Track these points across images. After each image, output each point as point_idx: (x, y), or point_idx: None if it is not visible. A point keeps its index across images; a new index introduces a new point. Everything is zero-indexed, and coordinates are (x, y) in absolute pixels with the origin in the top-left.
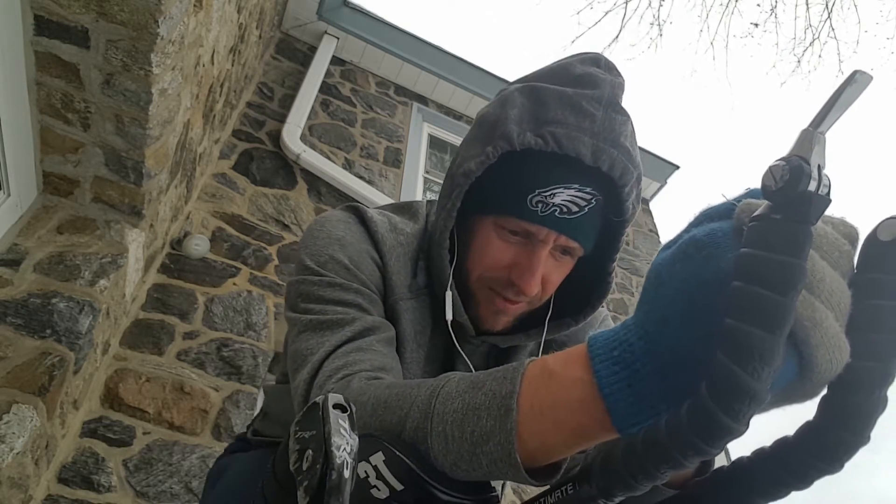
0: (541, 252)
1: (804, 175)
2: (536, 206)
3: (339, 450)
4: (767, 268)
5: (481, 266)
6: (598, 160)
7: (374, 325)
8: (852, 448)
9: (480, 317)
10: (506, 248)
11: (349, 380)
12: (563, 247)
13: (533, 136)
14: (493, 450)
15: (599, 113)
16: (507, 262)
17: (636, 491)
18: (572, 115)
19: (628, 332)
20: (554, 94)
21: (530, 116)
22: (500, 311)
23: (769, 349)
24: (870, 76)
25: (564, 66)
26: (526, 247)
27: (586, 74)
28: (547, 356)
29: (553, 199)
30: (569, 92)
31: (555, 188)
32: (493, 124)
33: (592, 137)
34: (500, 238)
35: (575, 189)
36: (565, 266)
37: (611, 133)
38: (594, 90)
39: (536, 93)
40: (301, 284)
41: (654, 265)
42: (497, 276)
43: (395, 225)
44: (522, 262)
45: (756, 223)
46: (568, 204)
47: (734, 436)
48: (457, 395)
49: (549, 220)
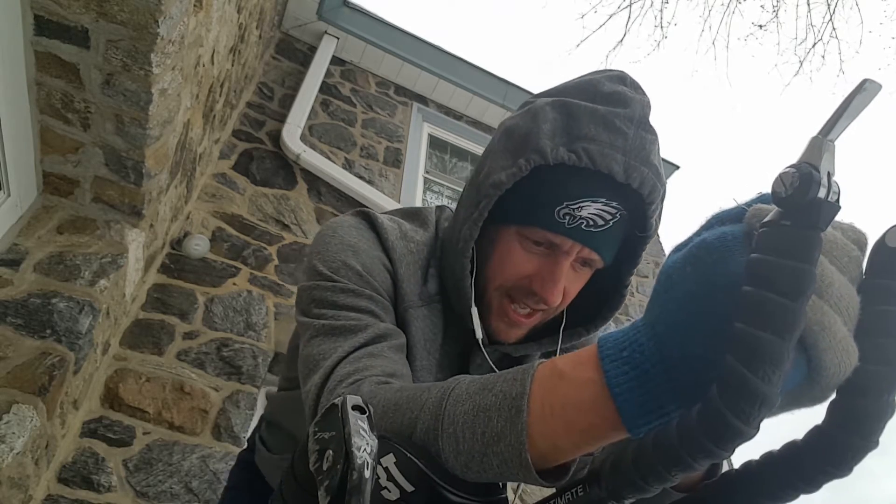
0: (564, 263)
1: (814, 182)
2: (564, 218)
3: (360, 450)
4: (777, 273)
5: (502, 276)
6: (630, 177)
7: (386, 331)
8: (861, 452)
9: (493, 327)
10: (528, 258)
11: (360, 384)
12: (585, 259)
13: (566, 152)
14: (503, 451)
15: (631, 131)
16: (530, 272)
17: (646, 493)
18: (605, 132)
19: (638, 333)
20: (586, 110)
21: (562, 131)
22: (515, 324)
23: (779, 353)
24: (879, 85)
25: (592, 82)
26: (549, 257)
27: (616, 92)
28: (556, 358)
29: (580, 212)
30: (601, 110)
31: (583, 201)
32: (525, 137)
33: (624, 155)
34: (523, 248)
35: (602, 203)
36: (583, 277)
37: (641, 151)
38: (625, 109)
39: (568, 108)
40: (314, 290)
41: (664, 267)
42: (518, 286)
43: (406, 232)
44: (545, 273)
45: (766, 229)
46: (594, 217)
47: (745, 439)
48: (467, 397)
49: (575, 233)
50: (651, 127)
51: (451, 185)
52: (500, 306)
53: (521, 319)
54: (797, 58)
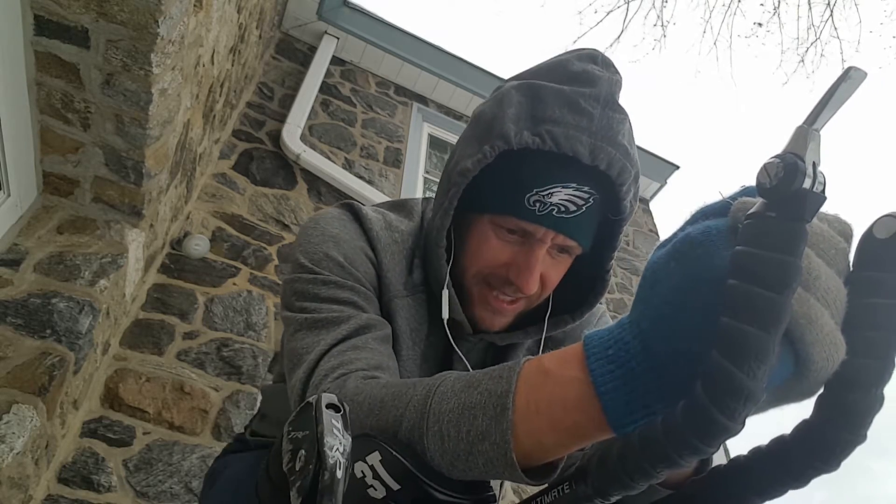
0: (538, 251)
1: (799, 172)
2: (534, 205)
3: (332, 450)
4: (762, 266)
5: (478, 264)
6: (596, 159)
7: (370, 322)
8: (849, 447)
9: (477, 316)
10: (503, 246)
11: (345, 379)
12: (561, 245)
13: (530, 136)
14: (488, 449)
15: (597, 111)
16: (505, 261)
17: (633, 490)
18: (570, 113)
19: (623, 330)
20: (551, 91)
21: (527, 115)
22: (498, 312)
23: (764, 348)
24: (864, 73)
25: (561, 62)
26: (523, 245)
27: (584, 72)
28: (542, 355)
29: (551, 199)
30: (566, 90)
31: (552, 187)
32: (490, 122)
33: (590, 136)
34: (497, 237)
35: (573, 188)
36: (563, 264)
37: (608, 132)
38: (592, 88)
39: (533, 90)
40: (296, 283)
41: (649, 264)
42: (494, 274)
43: (391, 222)
44: (520, 262)
45: (751, 221)
46: (566, 203)
47: (730, 434)
48: (452, 395)
49: (547, 220)
50: (619, 106)
51: None
52: (480, 294)
53: (503, 306)
54: (798, 56)
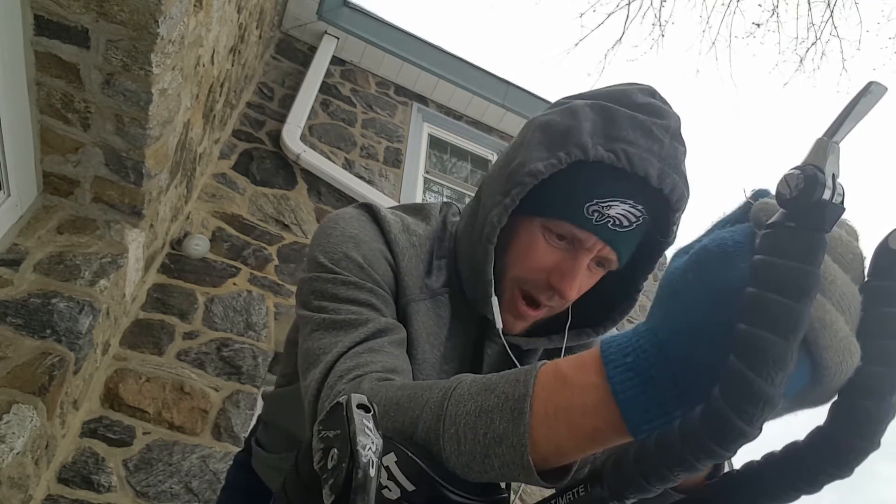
0: (584, 259)
1: (819, 184)
2: (592, 214)
3: (365, 449)
4: (782, 274)
5: (521, 267)
6: (663, 182)
7: (387, 326)
8: (863, 453)
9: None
10: (550, 251)
11: (360, 380)
12: (602, 258)
13: (605, 151)
14: (505, 452)
15: (667, 140)
16: (549, 266)
17: (648, 494)
18: (643, 137)
19: (641, 338)
20: (626, 116)
21: (602, 132)
22: (521, 316)
23: (782, 354)
24: (885, 87)
25: (625, 92)
26: (569, 252)
27: (650, 104)
28: (559, 360)
29: (609, 211)
30: (640, 117)
31: (612, 200)
32: (566, 132)
33: (660, 161)
34: (546, 241)
35: (630, 204)
36: (595, 277)
37: (674, 160)
38: (662, 119)
39: (608, 111)
40: (314, 282)
41: (667, 273)
42: (535, 279)
43: (408, 226)
44: (564, 268)
45: (770, 230)
46: (621, 217)
47: (747, 439)
48: (469, 398)
49: (601, 230)
50: (683, 140)
51: (451, 185)
52: (510, 298)
53: (528, 312)
54: (798, 56)
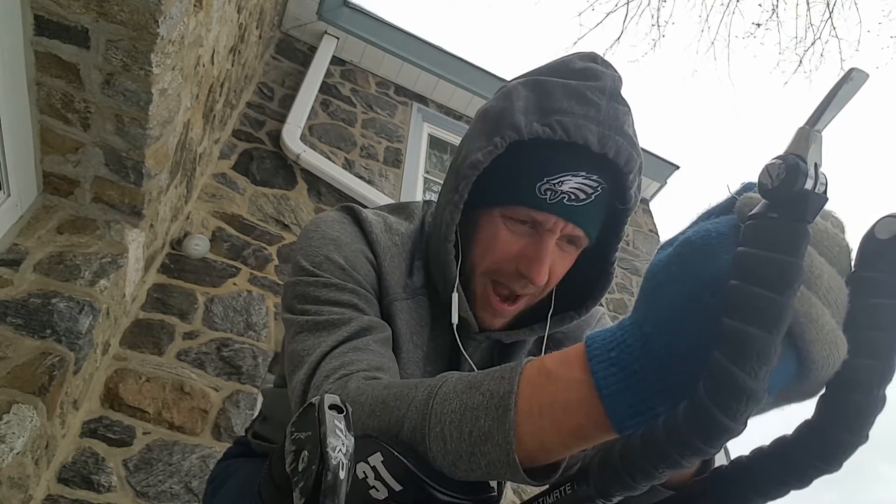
0: (549, 241)
1: (801, 173)
2: (545, 193)
3: (335, 451)
4: (764, 267)
5: (488, 259)
6: (605, 147)
7: (371, 325)
8: (851, 447)
9: (479, 317)
10: (513, 239)
11: (346, 380)
12: (570, 236)
13: (540, 126)
14: (491, 450)
15: (603, 102)
16: (515, 253)
17: (634, 491)
18: (578, 104)
19: (625, 333)
20: (558, 85)
21: (536, 107)
22: (498, 313)
23: (766, 348)
24: (866, 74)
25: (563, 62)
26: (533, 237)
27: (586, 68)
28: (544, 356)
29: (561, 187)
30: (572, 83)
31: (563, 176)
32: (499, 116)
33: (598, 125)
34: (507, 229)
35: (582, 176)
36: (570, 257)
37: (615, 121)
38: (597, 82)
39: (540, 85)
40: (297, 285)
41: (651, 266)
42: (504, 269)
43: (391, 225)
44: (530, 252)
45: (753, 222)
46: (576, 191)
47: (732, 435)
48: (454, 396)
49: (558, 208)
50: (623, 99)
51: None
52: (483, 294)
53: (504, 308)
54: (797, 56)
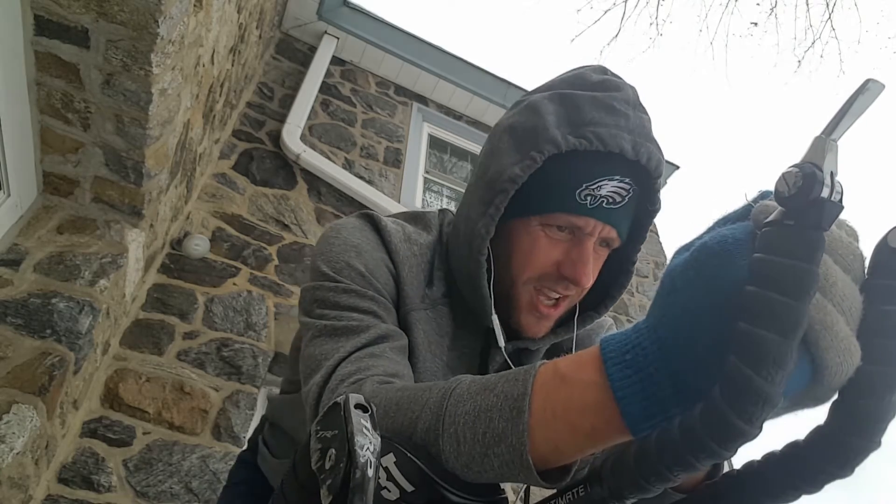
0: (589, 244)
1: (817, 182)
2: (585, 199)
3: (363, 449)
4: (781, 273)
5: (531, 268)
6: (639, 154)
7: (389, 332)
8: (863, 453)
9: (523, 323)
10: (554, 245)
11: (361, 383)
12: (605, 238)
13: (575, 138)
14: (504, 452)
15: (630, 112)
16: (557, 259)
17: (648, 493)
18: (608, 115)
19: (641, 336)
20: (586, 98)
21: (567, 120)
22: (544, 317)
23: (782, 353)
24: (882, 85)
25: (578, 75)
26: (573, 241)
27: (605, 80)
28: (558, 359)
29: (600, 191)
30: (599, 95)
31: (600, 181)
32: (532, 131)
33: (630, 134)
34: (547, 236)
35: (617, 180)
36: (601, 258)
37: (643, 129)
38: (620, 93)
39: (567, 99)
40: (317, 290)
41: (668, 270)
42: (548, 274)
43: (409, 235)
44: (574, 256)
45: (769, 229)
46: (613, 195)
47: (747, 439)
48: (468, 397)
49: (598, 212)
50: (644, 108)
51: (451, 185)
52: (530, 301)
53: (550, 311)
54: (796, 57)
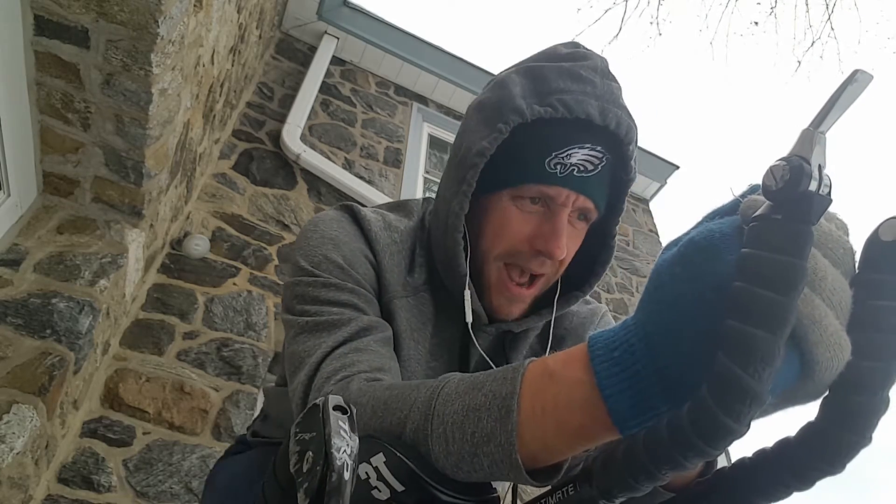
0: (562, 215)
1: (805, 175)
2: (555, 168)
3: (340, 451)
4: (768, 268)
5: (503, 242)
6: (606, 119)
7: (371, 324)
8: (854, 449)
9: (494, 305)
10: (526, 218)
11: (348, 381)
12: (581, 209)
13: (541, 107)
14: (493, 451)
15: (597, 79)
16: (529, 233)
17: (637, 492)
18: (574, 83)
19: (628, 332)
20: (552, 68)
21: (533, 91)
22: (516, 298)
23: (770, 350)
24: (870, 75)
25: (548, 50)
26: (546, 214)
27: (573, 52)
28: (546, 357)
29: (570, 160)
30: (565, 65)
31: (570, 149)
32: (498, 104)
33: (597, 99)
34: (519, 209)
35: (588, 147)
36: (580, 233)
37: (611, 96)
38: (587, 61)
39: (533, 71)
40: (296, 286)
41: (656, 266)
42: (520, 249)
43: (390, 223)
44: (546, 229)
45: (757, 223)
46: (584, 163)
47: (735, 437)
48: (457, 397)
49: (569, 181)
50: (613, 76)
51: None
52: (499, 279)
53: (521, 292)
54: (795, 57)
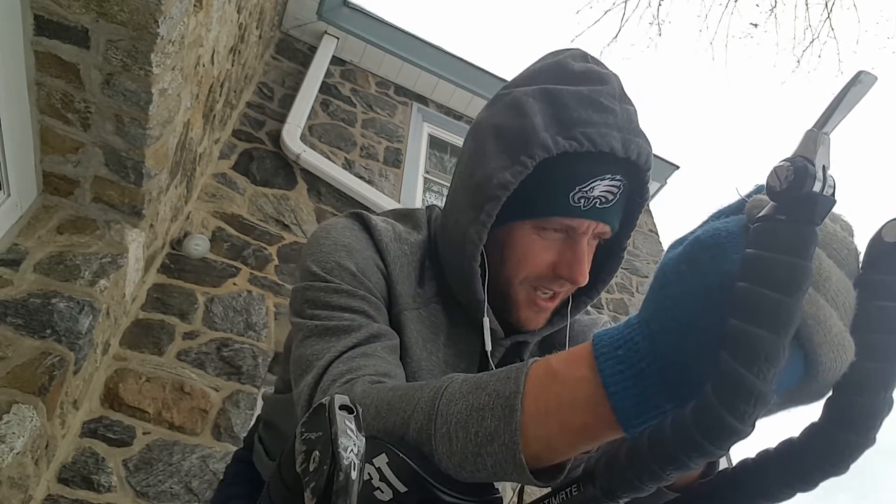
0: (583, 243)
1: (808, 176)
2: (578, 201)
3: (347, 451)
4: (773, 269)
5: (526, 270)
6: (629, 151)
7: (380, 332)
8: (858, 449)
9: (522, 318)
10: (548, 246)
11: (353, 383)
12: (598, 234)
13: (566, 140)
14: (497, 450)
15: (617, 107)
16: (552, 261)
17: (641, 492)
18: (595, 112)
19: (632, 331)
20: (571, 94)
21: (554, 121)
22: (542, 310)
23: (774, 350)
24: (874, 77)
25: (559, 65)
26: (567, 241)
27: (587, 71)
28: (550, 356)
29: (592, 193)
30: (584, 91)
31: (592, 182)
32: (520, 134)
33: (619, 131)
34: (542, 239)
35: (608, 178)
36: (593, 248)
37: (630, 123)
38: (605, 86)
39: (551, 95)
40: (307, 290)
41: (661, 264)
42: (544, 275)
43: (400, 234)
44: (569, 257)
45: (761, 224)
46: (605, 194)
47: (740, 437)
48: (460, 397)
49: (592, 213)
50: (629, 98)
51: None
52: (527, 297)
53: (548, 304)
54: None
